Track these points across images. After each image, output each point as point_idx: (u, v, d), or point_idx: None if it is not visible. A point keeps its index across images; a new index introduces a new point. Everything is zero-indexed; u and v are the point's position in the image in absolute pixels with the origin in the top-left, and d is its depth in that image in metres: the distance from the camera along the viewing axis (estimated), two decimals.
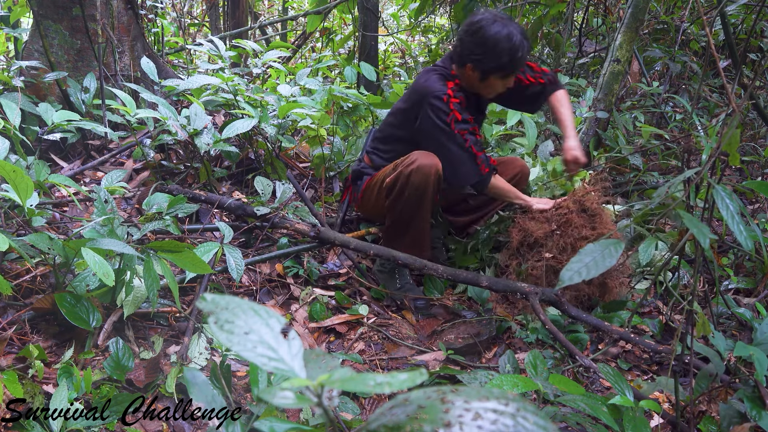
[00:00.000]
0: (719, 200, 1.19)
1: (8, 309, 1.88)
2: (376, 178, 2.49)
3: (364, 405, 1.87)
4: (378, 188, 2.47)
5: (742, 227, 1.19)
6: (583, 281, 2.34)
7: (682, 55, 4.08)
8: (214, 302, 0.70)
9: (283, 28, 7.11)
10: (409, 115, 2.39)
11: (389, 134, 2.55)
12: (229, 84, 2.98)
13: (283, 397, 0.63)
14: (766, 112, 3.10)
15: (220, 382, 1.50)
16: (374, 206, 2.55)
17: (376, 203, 2.51)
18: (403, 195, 2.31)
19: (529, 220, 2.40)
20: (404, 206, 2.34)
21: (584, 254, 1.16)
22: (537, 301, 2.09)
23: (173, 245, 1.74)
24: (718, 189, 1.20)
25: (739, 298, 2.40)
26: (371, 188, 2.52)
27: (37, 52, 3.16)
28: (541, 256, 2.35)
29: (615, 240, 1.17)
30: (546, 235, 2.36)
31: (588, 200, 2.41)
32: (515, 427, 0.56)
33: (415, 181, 2.27)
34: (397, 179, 2.32)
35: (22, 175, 1.69)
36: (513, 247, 2.42)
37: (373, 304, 2.42)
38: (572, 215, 2.37)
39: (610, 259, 1.14)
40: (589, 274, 1.13)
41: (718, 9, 1.94)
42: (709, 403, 1.61)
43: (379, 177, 2.48)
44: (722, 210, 1.19)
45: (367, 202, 2.58)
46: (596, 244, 1.17)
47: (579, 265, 1.15)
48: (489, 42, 2.18)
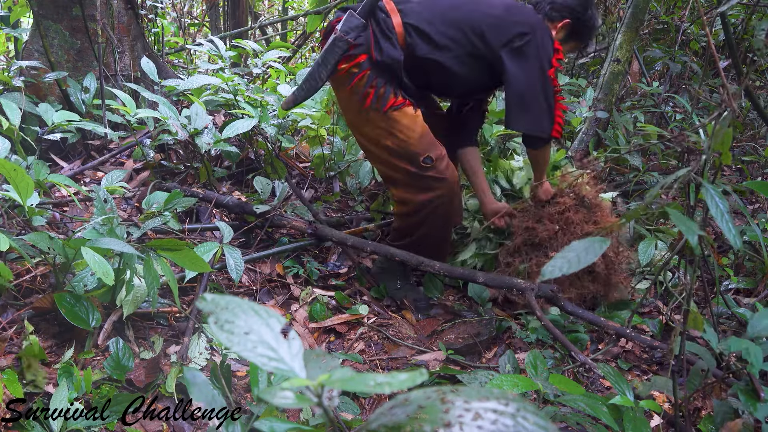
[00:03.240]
0: (708, 199, 1.19)
1: (8, 308, 1.88)
2: (378, 98, 2.14)
3: (364, 405, 1.87)
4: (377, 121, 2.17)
5: (731, 225, 1.19)
6: (587, 279, 2.35)
7: (682, 55, 4.08)
8: (214, 302, 0.70)
9: (283, 28, 7.11)
10: (498, 32, 2.15)
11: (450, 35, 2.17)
12: (229, 84, 2.98)
13: (283, 397, 0.63)
14: (766, 112, 3.09)
15: (220, 382, 1.50)
16: (356, 123, 2.25)
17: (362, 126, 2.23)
18: (427, 223, 2.30)
19: (535, 222, 2.40)
20: (432, 230, 2.33)
21: (568, 250, 1.17)
22: (533, 297, 2.09)
23: (173, 244, 1.74)
24: (708, 188, 1.20)
25: (739, 298, 2.40)
26: (360, 93, 2.15)
27: (37, 52, 3.16)
28: (545, 255, 2.34)
29: (600, 237, 1.18)
30: (550, 237, 2.37)
31: (582, 189, 2.42)
32: (515, 427, 0.56)
33: (443, 213, 2.28)
34: (420, 208, 2.25)
35: (22, 174, 1.69)
36: (515, 246, 2.42)
37: (373, 304, 2.42)
38: (571, 213, 2.37)
39: (593, 255, 1.15)
40: (571, 268, 1.14)
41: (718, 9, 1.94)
42: (703, 399, 1.61)
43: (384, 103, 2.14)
44: (711, 208, 1.19)
45: (348, 103, 2.24)
46: (581, 241, 1.18)
47: (561, 261, 1.16)
48: (591, 10, 2.30)
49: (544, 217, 2.40)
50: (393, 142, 2.18)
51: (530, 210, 2.45)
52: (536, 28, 2.17)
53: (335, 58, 2.11)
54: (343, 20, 2.12)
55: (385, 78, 2.15)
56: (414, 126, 2.17)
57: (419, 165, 2.19)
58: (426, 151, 2.18)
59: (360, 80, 2.13)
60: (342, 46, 2.10)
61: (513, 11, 2.20)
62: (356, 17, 2.11)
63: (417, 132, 2.18)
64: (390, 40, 2.12)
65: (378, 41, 2.12)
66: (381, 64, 2.12)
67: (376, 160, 2.30)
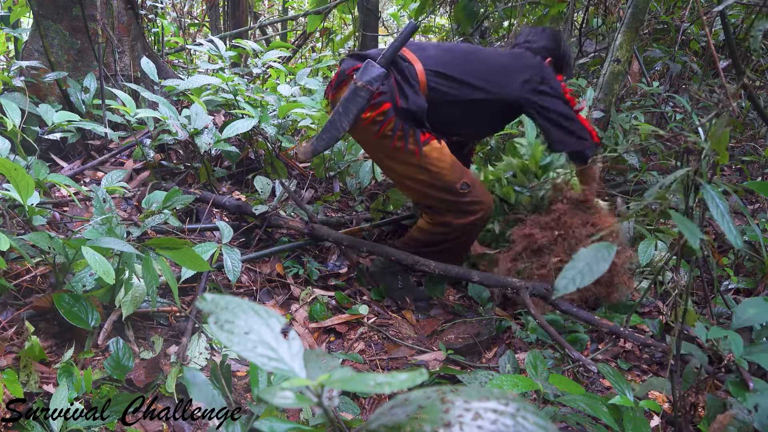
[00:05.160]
0: (708, 199, 1.19)
1: (8, 308, 1.88)
2: (409, 146, 2.18)
3: (364, 405, 1.87)
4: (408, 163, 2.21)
5: (731, 225, 1.19)
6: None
7: (682, 55, 4.08)
8: (214, 302, 0.70)
9: (283, 28, 7.11)
10: (514, 77, 2.28)
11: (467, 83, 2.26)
12: (229, 84, 2.98)
13: (283, 397, 0.63)
14: (766, 112, 3.09)
15: (220, 382, 1.50)
16: (391, 168, 2.29)
17: (399, 172, 2.27)
18: (461, 239, 2.34)
19: (535, 227, 2.41)
20: (460, 243, 2.37)
21: (578, 260, 1.15)
22: (528, 295, 2.10)
23: (172, 242, 1.73)
24: (707, 188, 1.20)
25: (739, 298, 2.40)
26: (388, 137, 2.18)
27: (37, 52, 3.16)
28: (545, 261, 2.35)
29: (606, 243, 1.17)
30: (550, 242, 2.37)
31: (574, 187, 2.43)
32: (515, 427, 0.56)
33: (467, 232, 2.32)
34: (448, 226, 2.30)
35: (23, 173, 1.69)
36: (516, 252, 2.42)
37: (373, 304, 2.42)
38: (567, 217, 2.38)
39: (604, 263, 1.14)
40: (584, 281, 1.13)
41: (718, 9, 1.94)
42: (696, 395, 1.62)
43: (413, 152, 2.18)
44: (711, 208, 1.19)
45: (377, 147, 2.26)
46: (589, 248, 1.17)
47: (573, 272, 1.15)
48: (563, 45, 2.48)
49: (541, 224, 2.42)
50: (427, 177, 2.22)
51: (527, 219, 2.47)
52: (543, 67, 2.33)
53: (358, 107, 2.13)
54: (362, 69, 2.13)
55: (410, 123, 2.18)
56: (443, 157, 2.22)
57: (457, 192, 2.23)
58: (461, 178, 2.23)
59: (387, 126, 2.15)
60: (365, 96, 2.12)
61: (518, 58, 2.38)
62: (376, 66, 2.13)
63: (448, 162, 2.23)
64: (413, 88, 2.16)
65: (402, 89, 2.15)
66: (406, 112, 2.15)
67: (413, 193, 2.34)
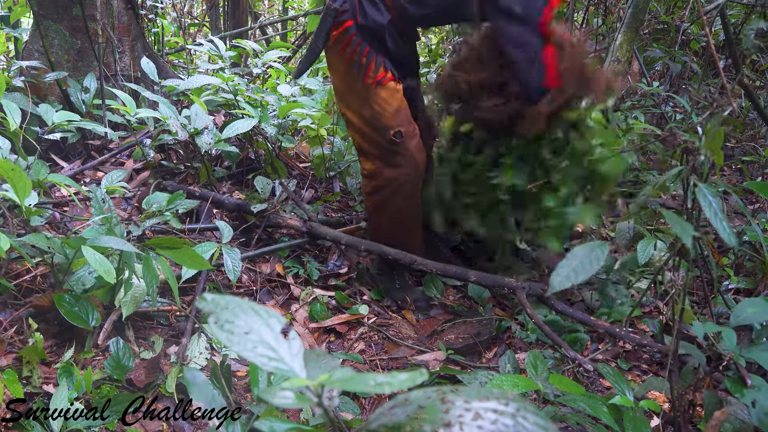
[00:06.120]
0: (701, 198, 1.20)
1: (8, 307, 1.88)
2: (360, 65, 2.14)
3: (364, 405, 1.87)
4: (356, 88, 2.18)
5: (725, 224, 1.20)
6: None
7: (682, 55, 4.08)
8: (214, 302, 0.70)
9: (283, 28, 7.11)
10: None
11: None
12: (229, 84, 2.98)
13: (283, 397, 0.63)
14: (766, 112, 3.09)
15: (220, 382, 1.50)
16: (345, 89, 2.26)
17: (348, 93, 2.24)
18: (392, 203, 2.29)
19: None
20: (397, 213, 2.32)
21: (571, 258, 1.18)
22: (524, 295, 2.11)
23: (172, 242, 1.73)
24: (701, 186, 1.21)
25: (739, 298, 2.39)
26: (347, 59, 2.15)
27: (37, 52, 3.16)
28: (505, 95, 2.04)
29: (599, 242, 1.19)
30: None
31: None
32: (515, 427, 0.56)
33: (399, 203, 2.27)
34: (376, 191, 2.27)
35: (20, 174, 1.69)
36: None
37: (373, 304, 2.42)
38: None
39: (597, 263, 1.17)
40: (578, 278, 1.16)
41: (718, 9, 1.94)
42: (694, 393, 1.62)
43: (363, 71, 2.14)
44: (705, 207, 1.20)
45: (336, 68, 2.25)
46: (582, 247, 1.19)
47: (567, 270, 1.17)
48: None
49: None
50: (369, 113, 2.20)
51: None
52: None
53: (327, 26, 2.15)
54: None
55: (373, 45, 2.15)
56: (391, 100, 2.19)
57: (389, 139, 2.20)
58: (398, 126, 2.19)
59: (348, 46, 2.15)
60: (331, 14, 2.14)
61: None
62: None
63: (393, 106, 2.19)
64: (375, 5, 2.13)
65: (362, 5, 2.13)
66: (366, 29, 2.13)
67: (353, 129, 2.32)
